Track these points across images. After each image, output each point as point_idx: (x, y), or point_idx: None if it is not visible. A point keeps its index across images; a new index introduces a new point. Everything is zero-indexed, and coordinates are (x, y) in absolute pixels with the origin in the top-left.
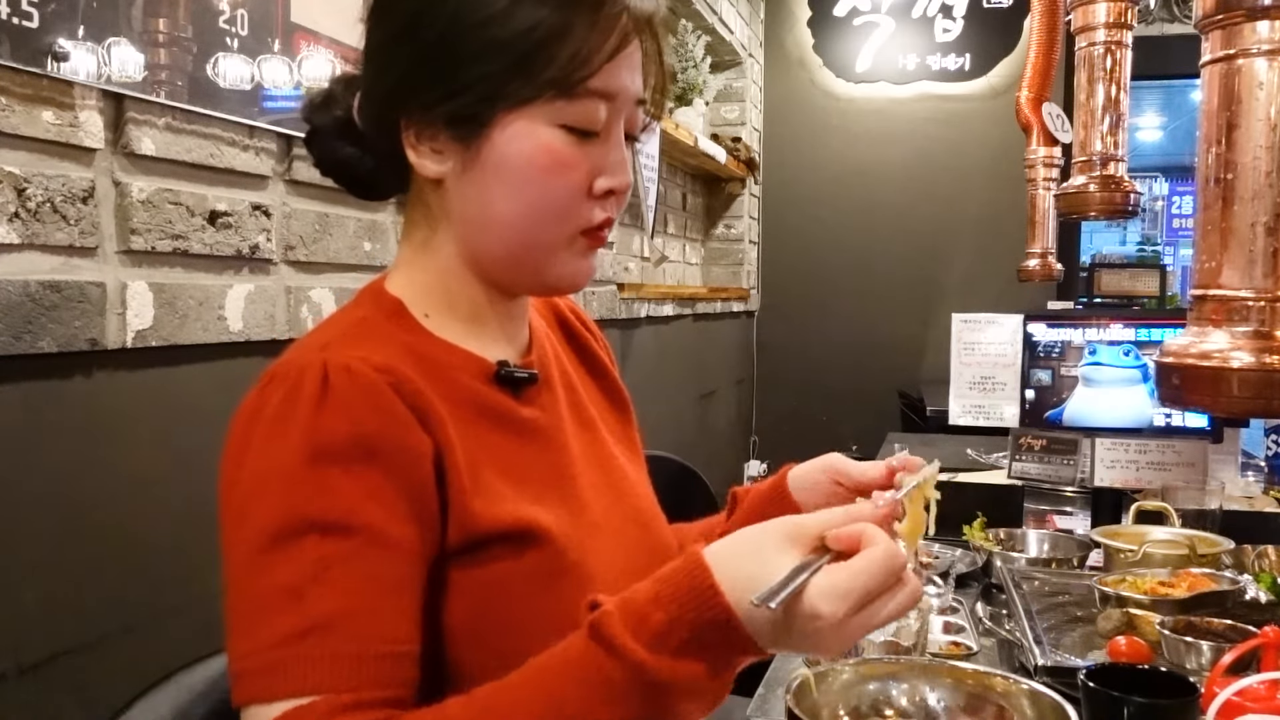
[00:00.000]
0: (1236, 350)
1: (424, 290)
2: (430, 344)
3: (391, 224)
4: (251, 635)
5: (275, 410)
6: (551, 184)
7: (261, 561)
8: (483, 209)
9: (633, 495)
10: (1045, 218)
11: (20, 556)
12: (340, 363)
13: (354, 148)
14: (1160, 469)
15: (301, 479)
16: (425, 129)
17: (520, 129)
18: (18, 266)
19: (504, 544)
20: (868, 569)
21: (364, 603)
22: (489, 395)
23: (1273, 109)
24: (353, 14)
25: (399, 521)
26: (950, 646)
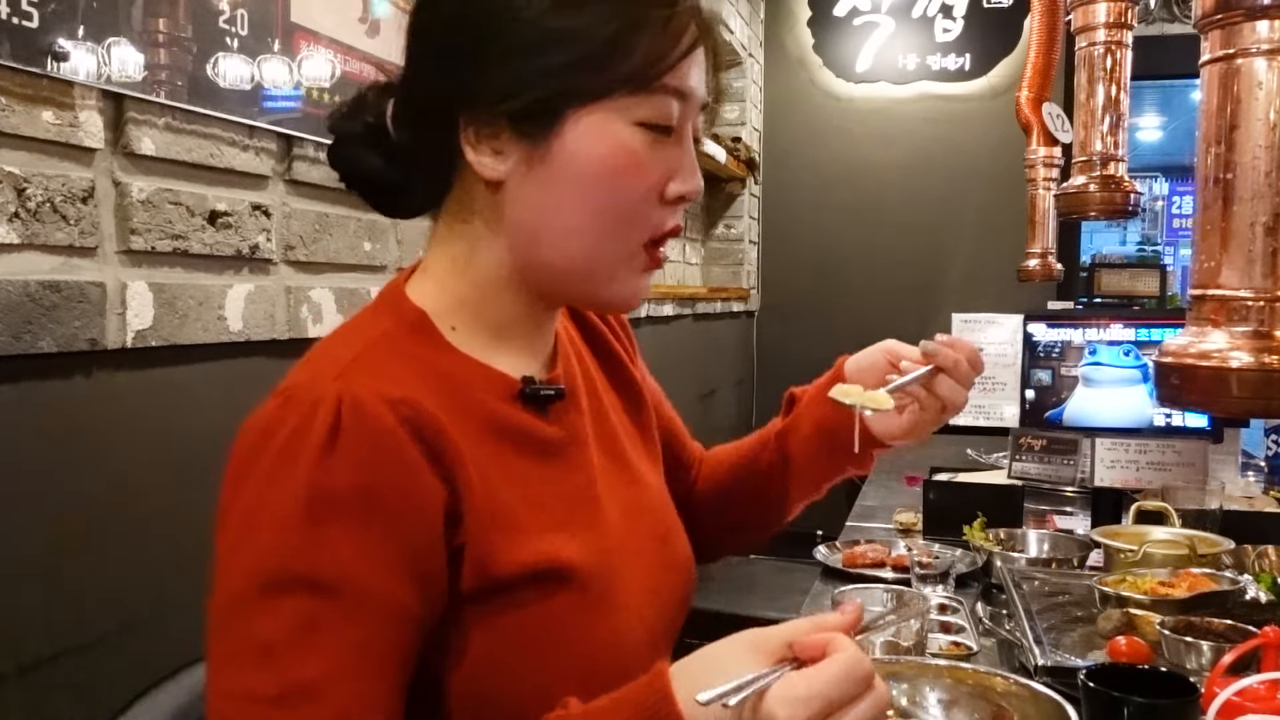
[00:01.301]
0: (1236, 350)
1: (455, 302)
2: (454, 362)
3: (391, 224)
4: (229, 677)
5: (283, 444)
6: (626, 186)
7: (244, 608)
8: (546, 214)
9: (653, 508)
10: (1045, 218)
11: (20, 556)
12: (354, 399)
13: (382, 158)
14: (1160, 469)
15: (297, 530)
16: (486, 126)
17: (594, 126)
18: (18, 266)
19: (529, 583)
20: (830, 676)
21: (344, 670)
22: (513, 416)
23: (1272, 109)
24: (353, 14)
25: (395, 581)
26: (950, 646)
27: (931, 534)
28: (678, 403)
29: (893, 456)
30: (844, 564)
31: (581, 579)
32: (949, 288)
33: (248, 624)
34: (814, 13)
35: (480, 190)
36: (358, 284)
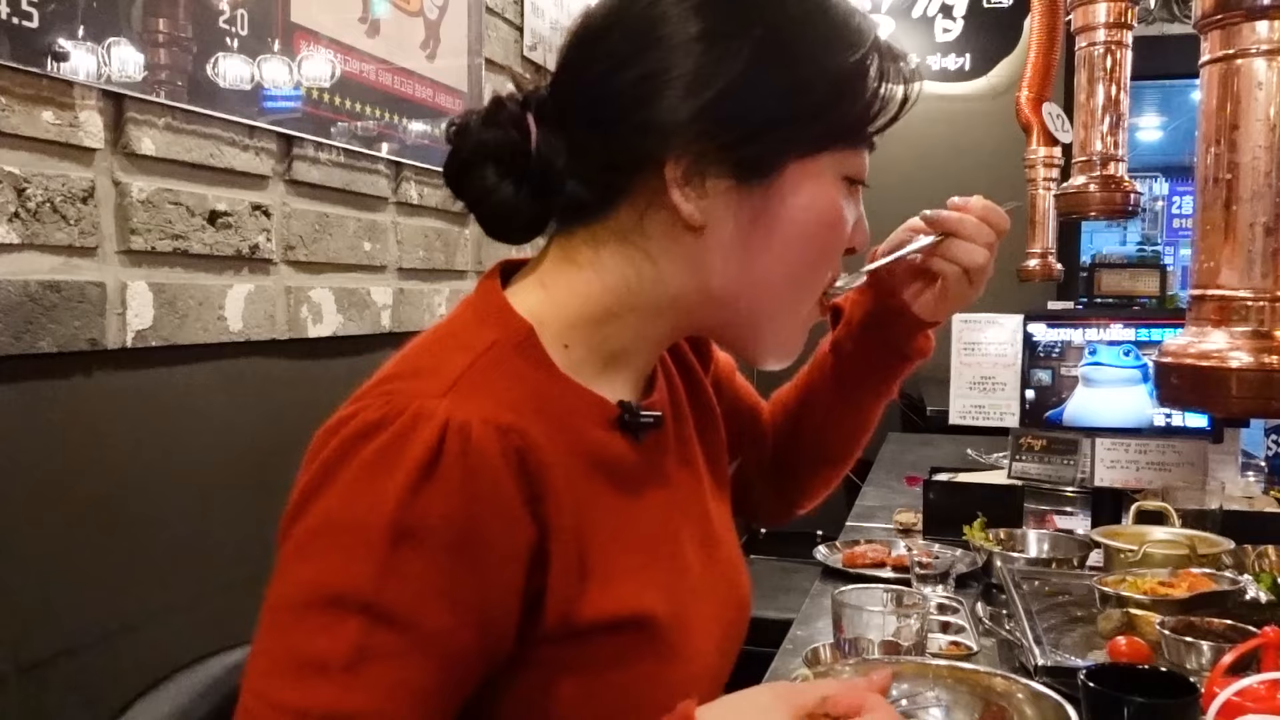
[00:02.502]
0: (1235, 350)
1: (576, 321)
2: (560, 386)
3: (391, 224)
4: (272, 681)
5: (376, 455)
6: (832, 240)
7: (303, 615)
8: (748, 262)
9: (724, 544)
10: (1045, 218)
11: (20, 556)
12: (462, 425)
13: (514, 181)
14: (1160, 469)
15: (375, 552)
16: (699, 170)
17: (812, 180)
18: (18, 266)
19: (610, 632)
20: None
21: (388, 708)
22: (608, 444)
23: (1272, 109)
24: (353, 14)
25: (463, 623)
26: (950, 646)
27: (931, 534)
28: None
29: (893, 456)
30: (844, 564)
31: (659, 627)
32: None
33: (304, 635)
34: None
35: (663, 228)
36: (358, 284)
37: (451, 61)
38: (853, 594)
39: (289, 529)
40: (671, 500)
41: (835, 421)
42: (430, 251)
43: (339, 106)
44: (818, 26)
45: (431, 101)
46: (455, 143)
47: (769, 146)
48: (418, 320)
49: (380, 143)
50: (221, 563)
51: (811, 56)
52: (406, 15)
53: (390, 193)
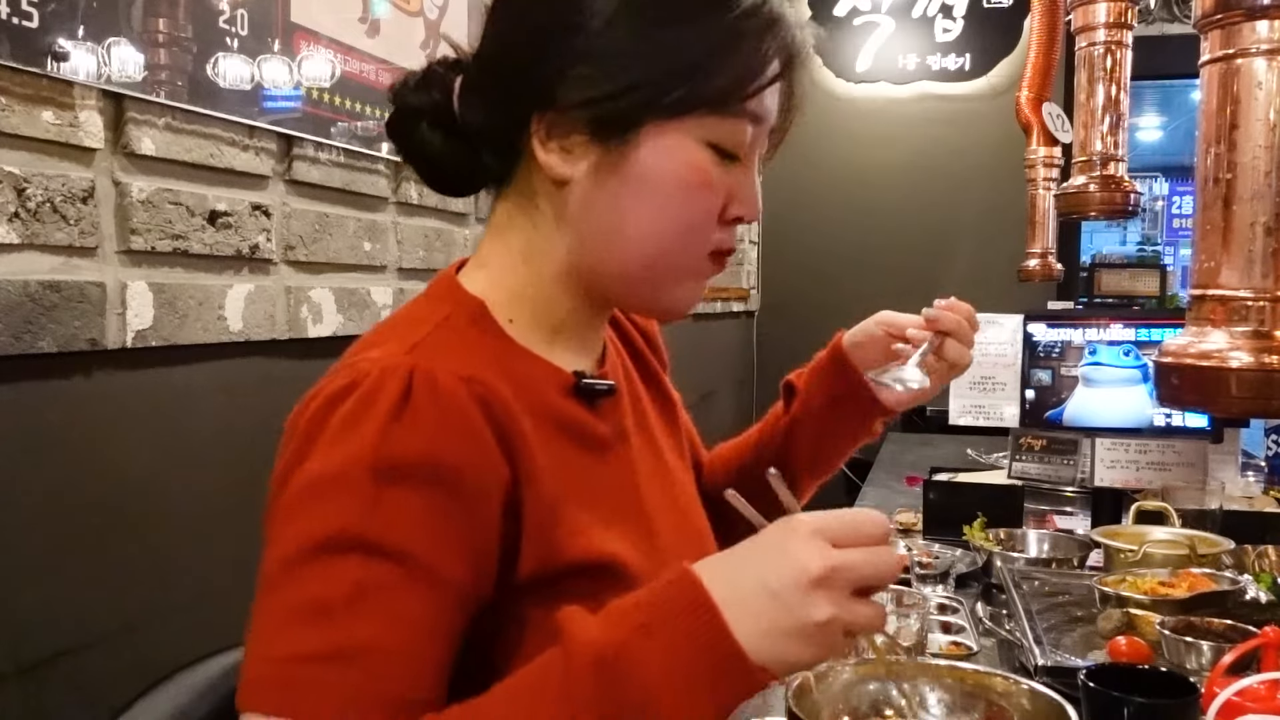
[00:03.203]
0: (1236, 350)
1: (513, 295)
2: (513, 353)
3: (391, 224)
4: (272, 642)
5: (349, 412)
6: (692, 203)
7: (299, 569)
8: (613, 219)
9: (689, 510)
10: (1045, 218)
11: (20, 556)
12: (428, 370)
13: (447, 136)
14: (1160, 469)
15: (362, 491)
16: (560, 126)
17: (671, 142)
18: (18, 266)
19: (580, 577)
20: (850, 513)
21: (392, 639)
22: (568, 409)
23: (1272, 109)
24: (353, 14)
25: (453, 556)
26: (950, 646)
27: (931, 534)
28: None
29: (893, 456)
30: None
31: (633, 575)
32: (949, 288)
33: (303, 584)
34: (814, 13)
35: (544, 185)
36: (358, 284)
37: None
38: None
39: (275, 500)
40: (633, 466)
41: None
42: (430, 251)
43: (339, 106)
44: None
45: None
46: (393, 102)
47: (625, 106)
48: None
49: (380, 143)
50: (221, 563)
51: (676, 18)
52: (406, 15)
53: (390, 193)
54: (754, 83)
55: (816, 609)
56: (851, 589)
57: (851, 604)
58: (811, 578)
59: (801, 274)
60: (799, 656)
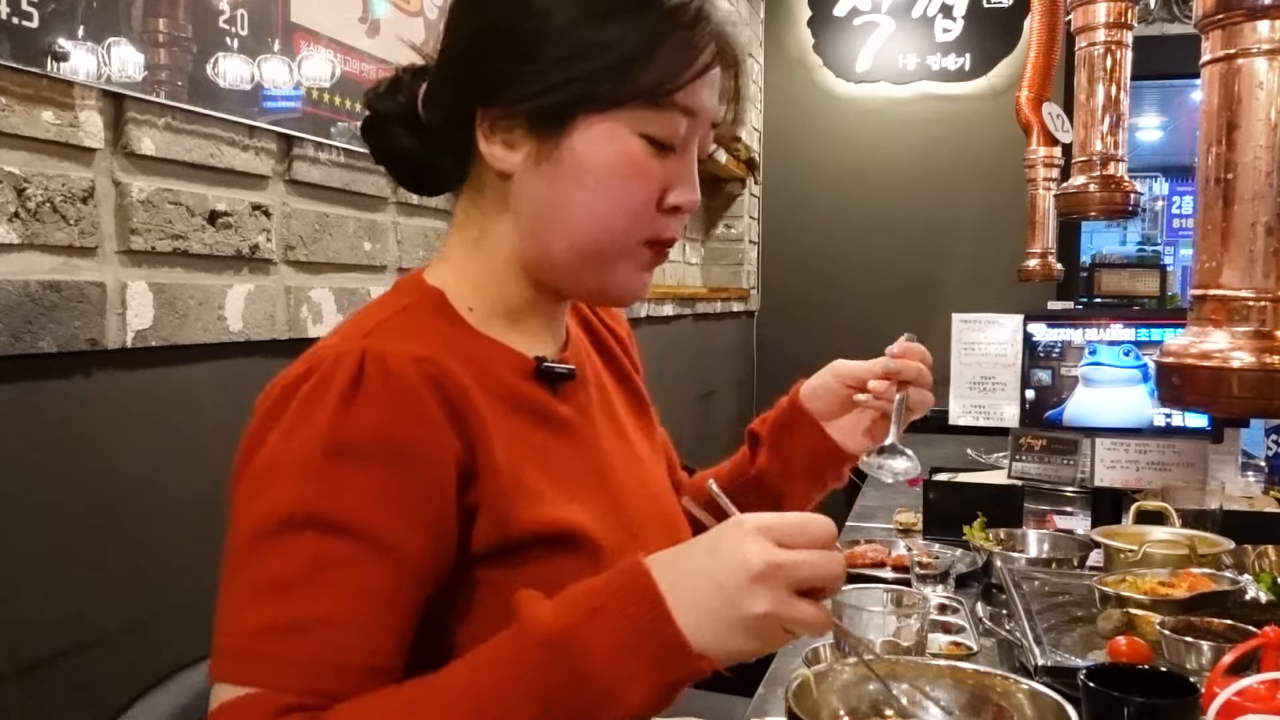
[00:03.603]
0: (1236, 350)
1: (471, 284)
2: (472, 338)
3: (391, 224)
4: (236, 616)
5: (305, 396)
6: (626, 191)
7: (260, 547)
8: (551, 207)
9: (659, 495)
10: (1045, 218)
11: (20, 556)
12: (378, 352)
13: (414, 138)
14: (1160, 469)
15: (316, 471)
16: (503, 121)
17: (603, 133)
18: (18, 266)
19: (543, 546)
20: (797, 515)
21: (350, 611)
22: (528, 391)
23: (1273, 109)
24: (353, 14)
25: (407, 530)
26: (950, 646)
27: (931, 534)
28: (678, 403)
29: None
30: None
31: (594, 545)
32: (949, 287)
33: (263, 561)
34: (814, 13)
35: (492, 178)
36: (358, 284)
37: None
38: (853, 594)
39: (237, 483)
40: (598, 446)
41: None
42: (430, 251)
43: (339, 106)
44: None
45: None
46: (366, 108)
47: (559, 100)
48: None
49: None
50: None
51: (606, 17)
52: (406, 15)
53: (390, 193)
54: (681, 76)
55: (756, 602)
56: (793, 587)
57: (792, 601)
58: (753, 572)
59: (801, 274)
60: (739, 646)
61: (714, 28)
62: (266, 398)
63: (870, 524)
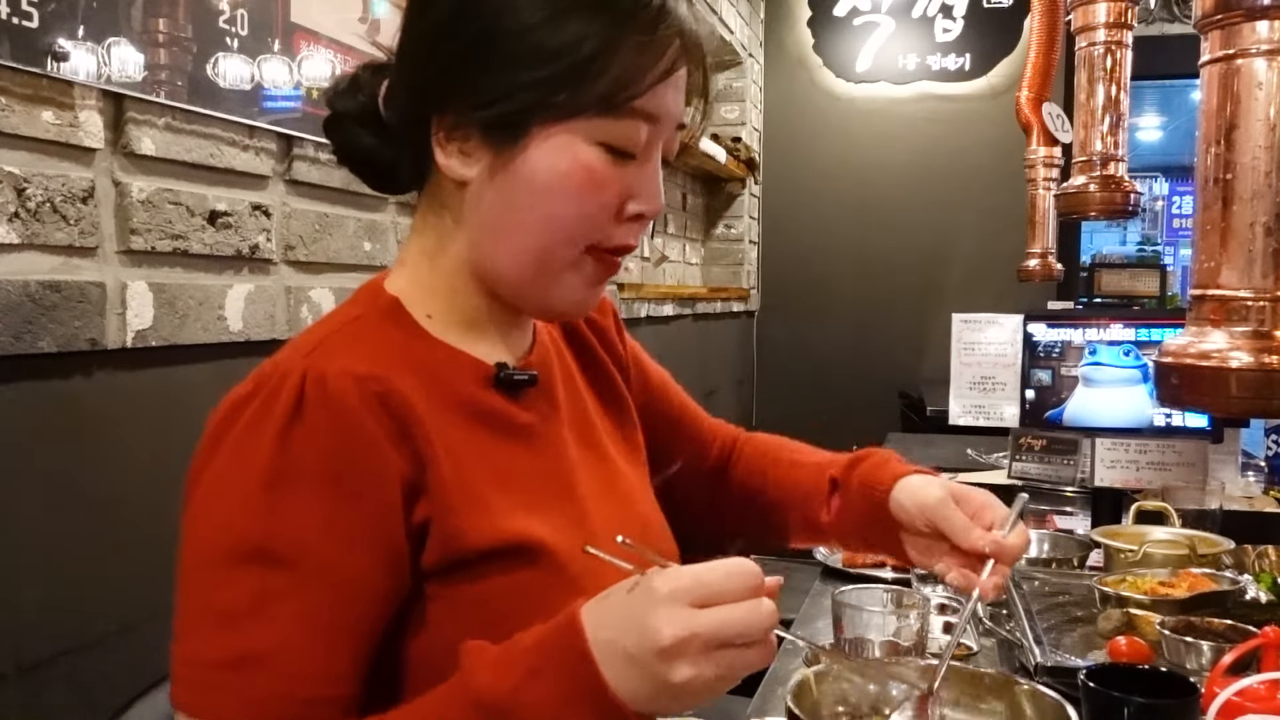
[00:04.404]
0: (1236, 350)
1: (428, 291)
2: (426, 345)
3: (391, 224)
4: (190, 644)
5: (249, 420)
6: (582, 201)
7: (207, 576)
8: (501, 218)
9: (636, 502)
10: (1045, 218)
11: (20, 556)
12: (319, 374)
13: (375, 138)
14: (1160, 469)
15: (256, 503)
16: (457, 129)
17: (559, 143)
18: (18, 266)
19: (497, 560)
20: (714, 565)
21: (298, 642)
22: (485, 399)
23: (1272, 109)
24: (353, 13)
25: (354, 553)
26: None
27: None
28: None
29: None
30: (844, 564)
31: (553, 559)
32: (949, 287)
33: (209, 592)
34: (814, 13)
35: (448, 185)
36: (357, 284)
37: None
38: (853, 594)
39: (187, 503)
40: (563, 454)
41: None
42: None
43: None
44: None
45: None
46: (327, 107)
47: (512, 109)
48: None
49: None
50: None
51: (558, 21)
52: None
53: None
54: (639, 85)
55: (674, 672)
56: (712, 649)
57: (716, 658)
58: (662, 647)
59: (801, 274)
60: (671, 708)
61: (677, 25)
62: (215, 414)
63: None
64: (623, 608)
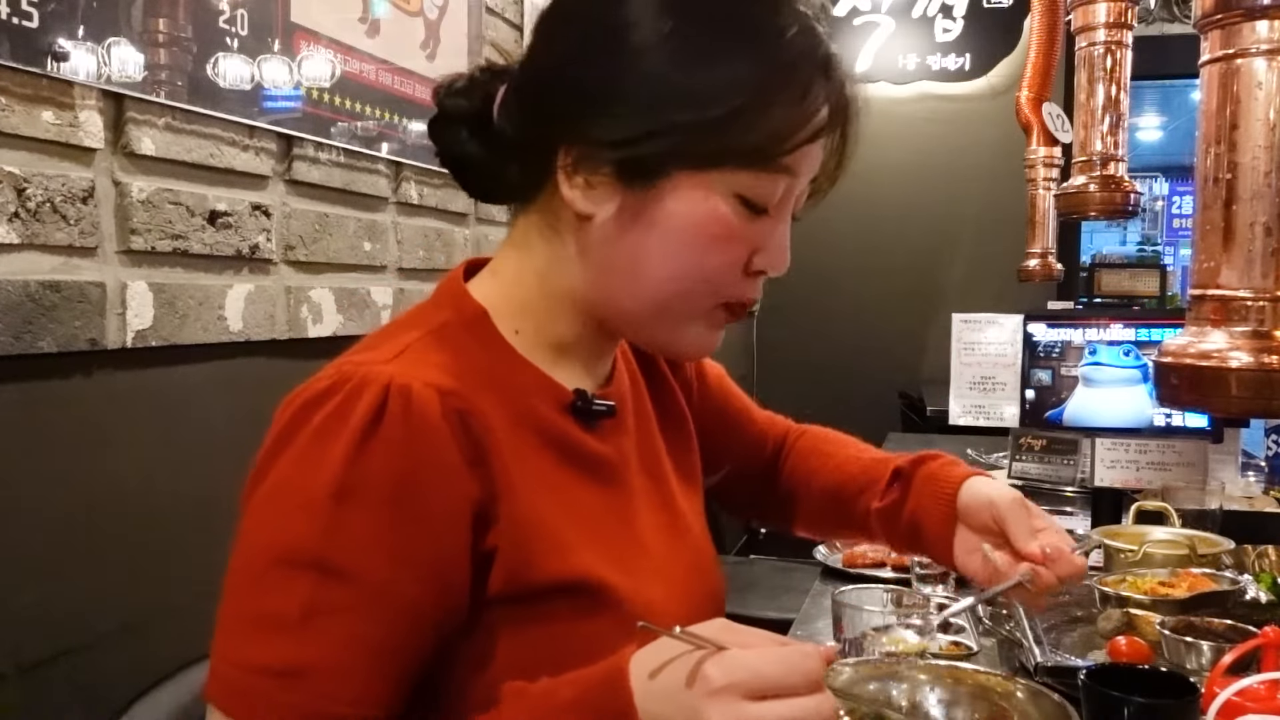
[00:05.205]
0: (1235, 350)
1: (521, 307)
2: (510, 363)
3: (391, 224)
4: (233, 643)
5: (324, 421)
6: (713, 254)
7: (260, 577)
8: (630, 261)
9: (689, 537)
10: (1045, 218)
11: (20, 556)
12: (404, 385)
13: (482, 145)
14: (1160, 469)
15: (321, 512)
16: (587, 162)
17: (696, 192)
18: (18, 266)
19: (561, 595)
20: (773, 655)
21: (341, 659)
22: (560, 425)
23: (1272, 109)
24: (353, 13)
25: (409, 577)
26: (950, 646)
27: None
28: None
29: None
30: (844, 564)
31: (616, 598)
32: (949, 288)
33: (260, 594)
34: None
35: (568, 214)
36: (358, 284)
37: (451, 61)
38: (853, 594)
39: (249, 497)
40: (627, 487)
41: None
42: (430, 251)
43: (339, 106)
44: (737, 35)
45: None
46: (436, 105)
47: (653, 153)
48: None
49: (380, 143)
50: (221, 563)
51: (713, 63)
52: (406, 15)
53: (390, 193)
54: (791, 140)
55: None
56: None
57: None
58: None
59: (801, 274)
60: None
61: (837, 85)
62: (287, 408)
63: None
64: (674, 694)
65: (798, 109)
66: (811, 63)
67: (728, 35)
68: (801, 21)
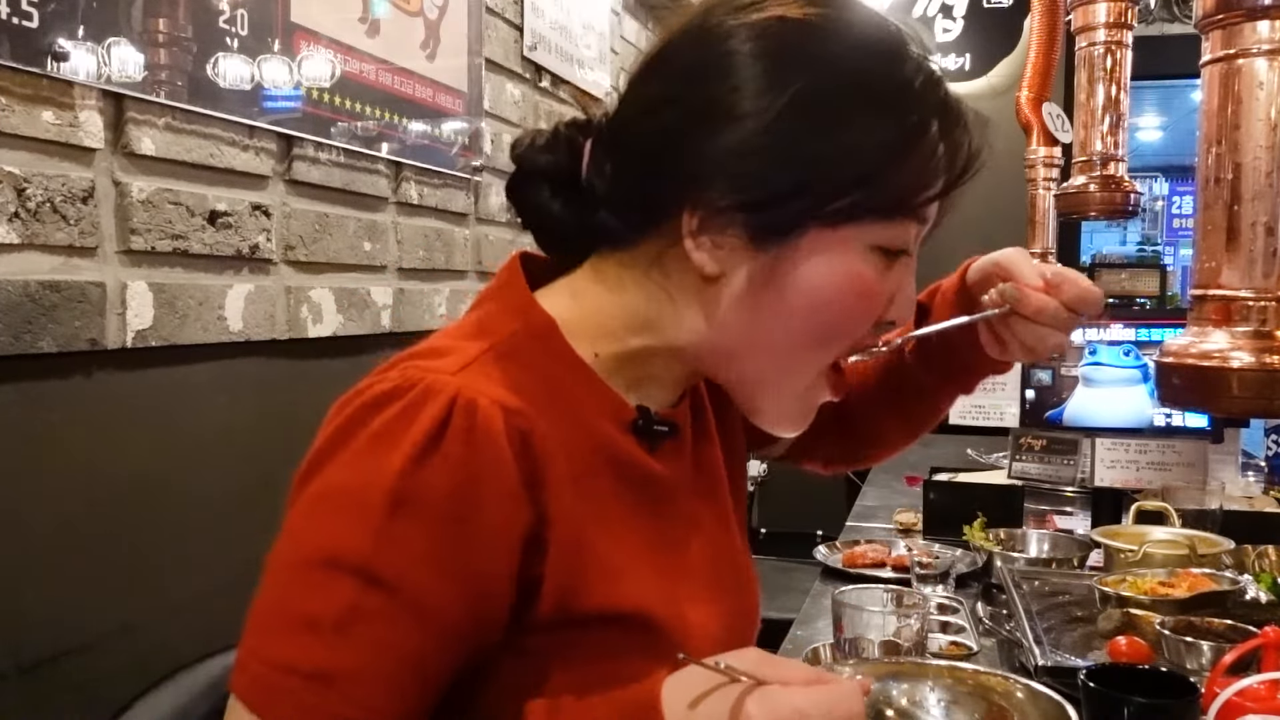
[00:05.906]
0: (1236, 350)
1: (604, 334)
2: (576, 377)
3: (391, 224)
4: (265, 639)
5: (384, 426)
6: (852, 312)
7: (302, 575)
8: (761, 322)
9: (734, 557)
10: (1045, 218)
11: (20, 556)
12: (470, 400)
13: (565, 205)
14: (1160, 469)
15: (372, 520)
16: (714, 222)
17: (833, 247)
18: (18, 266)
19: (607, 627)
20: (817, 696)
21: (373, 669)
22: (621, 444)
23: (1273, 109)
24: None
25: (452, 596)
26: (950, 646)
27: (931, 534)
28: None
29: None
30: (844, 564)
31: (656, 626)
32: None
33: (300, 594)
34: None
35: (687, 273)
36: (358, 284)
37: (451, 61)
38: (853, 594)
39: (298, 492)
40: (680, 508)
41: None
42: (430, 251)
43: (339, 106)
44: (869, 89)
45: (431, 101)
46: (515, 162)
47: (788, 211)
48: (417, 320)
49: (380, 143)
50: (221, 563)
51: (848, 120)
52: (406, 15)
53: (390, 193)
54: (927, 191)
55: None
56: None
57: None
58: None
59: None
60: None
61: (963, 134)
62: (345, 406)
63: (870, 524)
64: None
65: (932, 160)
66: (941, 112)
67: (859, 93)
68: (924, 68)
